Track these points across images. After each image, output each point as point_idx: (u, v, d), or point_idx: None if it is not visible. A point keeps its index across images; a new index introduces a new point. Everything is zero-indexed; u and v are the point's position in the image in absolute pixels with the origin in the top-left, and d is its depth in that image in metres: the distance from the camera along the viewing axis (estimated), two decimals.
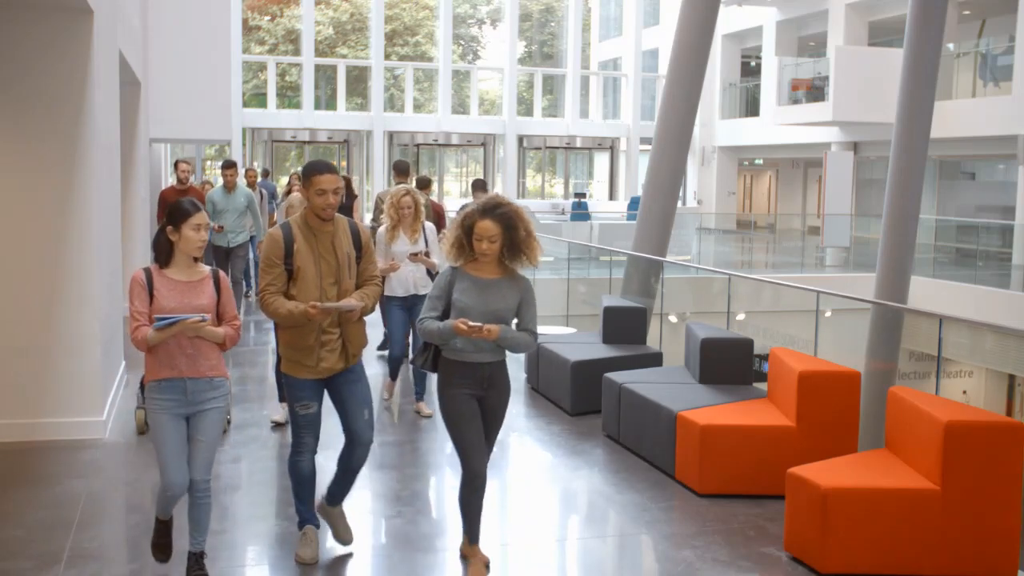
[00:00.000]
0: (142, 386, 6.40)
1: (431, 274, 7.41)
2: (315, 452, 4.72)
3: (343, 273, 4.60)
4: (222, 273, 4.40)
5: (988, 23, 22.62)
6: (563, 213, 25.50)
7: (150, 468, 5.94)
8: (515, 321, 4.59)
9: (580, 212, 25.08)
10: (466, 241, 4.50)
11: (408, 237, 7.33)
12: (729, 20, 26.30)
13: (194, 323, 4.15)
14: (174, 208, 4.27)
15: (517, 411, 7.92)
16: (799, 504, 4.86)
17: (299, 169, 31.31)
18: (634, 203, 20.38)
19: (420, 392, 7.68)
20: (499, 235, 4.40)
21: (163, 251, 4.29)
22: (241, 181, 12.06)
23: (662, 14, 29.94)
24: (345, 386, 4.68)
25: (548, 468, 6.53)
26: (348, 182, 13.20)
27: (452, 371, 4.51)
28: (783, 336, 11.98)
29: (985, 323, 14.02)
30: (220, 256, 10.91)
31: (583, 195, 27.19)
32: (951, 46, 20.75)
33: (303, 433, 4.68)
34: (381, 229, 7.36)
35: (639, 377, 7.02)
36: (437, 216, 12.14)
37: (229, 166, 11.03)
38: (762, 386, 6.73)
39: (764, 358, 7.44)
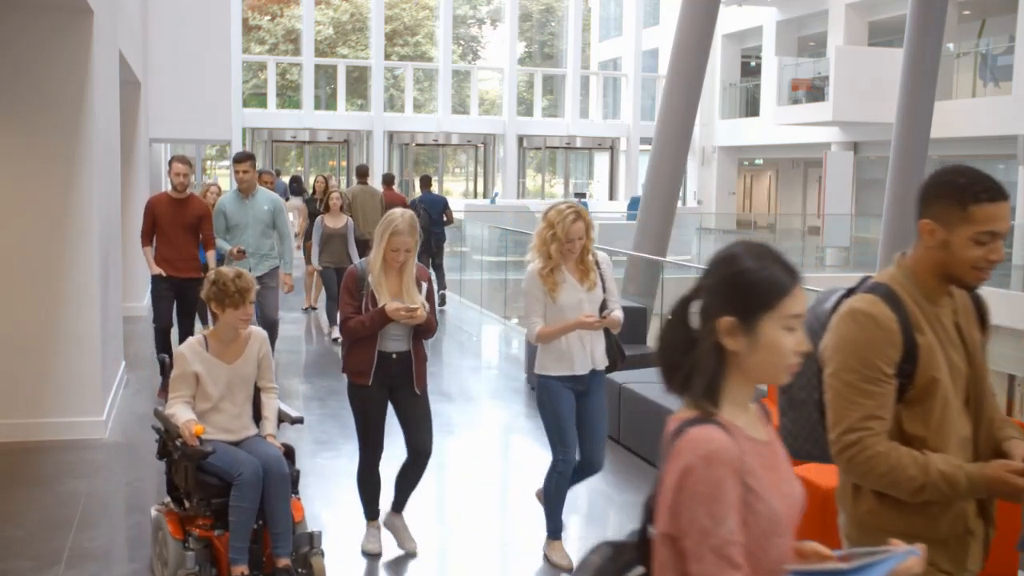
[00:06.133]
0: None
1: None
2: None
3: (983, 388, 2.49)
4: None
5: (988, 23, 22.63)
6: None
7: (151, 468, 5.93)
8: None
9: None
10: None
11: (578, 281, 4.55)
12: (729, 20, 26.30)
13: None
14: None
15: (517, 411, 7.92)
16: None
17: (299, 169, 31.01)
18: (634, 203, 20.37)
19: (555, 530, 4.90)
20: None
21: (712, 374, 1.89)
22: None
23: (662, 14, 29.96)
24: None
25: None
26: (326, 182, 12.90)
27: None
28: None
29: None
30: None
31: (583, 195, 27.17)
32: (951, 46, 20.75)
33: None
34: (531, 268, 4.57)
35: (639, 377, 7.01)
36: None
37: (243, 159, 7.79)
38: (762, 386, 6.71)
39: None
